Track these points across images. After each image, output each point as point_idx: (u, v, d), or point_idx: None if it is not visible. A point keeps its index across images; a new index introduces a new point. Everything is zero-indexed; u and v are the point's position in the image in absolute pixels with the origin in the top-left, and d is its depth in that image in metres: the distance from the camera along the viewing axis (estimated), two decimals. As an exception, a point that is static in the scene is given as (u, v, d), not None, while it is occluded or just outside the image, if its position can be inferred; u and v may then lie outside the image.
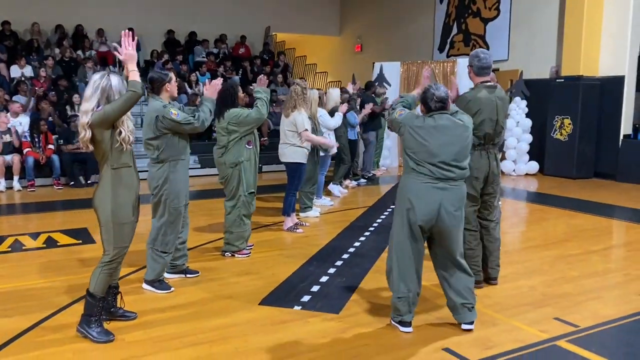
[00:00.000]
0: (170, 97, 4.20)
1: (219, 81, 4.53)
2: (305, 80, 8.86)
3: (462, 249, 3.57)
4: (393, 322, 3.58)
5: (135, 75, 3.25)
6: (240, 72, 14.16)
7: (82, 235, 5.97)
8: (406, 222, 3.43)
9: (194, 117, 4.11)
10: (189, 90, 12.29)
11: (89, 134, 3.19)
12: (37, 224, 6.65)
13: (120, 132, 3.25)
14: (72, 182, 9.32)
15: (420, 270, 3.53)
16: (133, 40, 3.29)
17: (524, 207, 8.10)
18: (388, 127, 9.34)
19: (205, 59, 14.21)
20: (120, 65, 13.65)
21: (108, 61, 13.56)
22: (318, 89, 7.55)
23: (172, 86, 4.18)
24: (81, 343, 3.31)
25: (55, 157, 9.21)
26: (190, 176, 4.62)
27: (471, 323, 3.54)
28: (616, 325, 3.69)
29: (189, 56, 14.55)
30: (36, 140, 9.27)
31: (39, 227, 6.40)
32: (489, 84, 4.20)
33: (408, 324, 3.52)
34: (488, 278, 4.40)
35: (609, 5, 10.28)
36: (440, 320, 3.70)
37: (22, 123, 9.44)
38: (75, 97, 10.35)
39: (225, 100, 4.92)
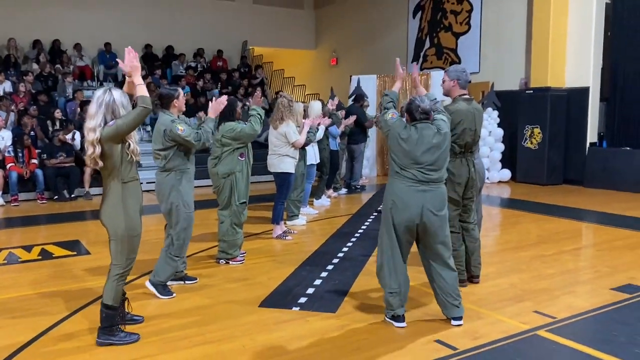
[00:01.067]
0: (178, 111, 4.44)
1: (223, 100, 4.69)
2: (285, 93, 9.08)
3: (450, 249, 3.83)
4: (387, 319, 3.84)
5: (143, 90, 3.33)
6: (218, 85, 14.37)
7: (75, 247, 6.09)
8: (392, 222, 3.71)
9: (196, 134, 4.32)
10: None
11: (98, 149, 3.25)
12: (28, 237, 6.71)
13: (129, 145, 3.38)
14: (56, 197, 9.37)
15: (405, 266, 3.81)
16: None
17: (498, 212, 8.48)
18: (375, 124, 9.48)
19: (183, 73, 14.38)
20: (99, 80, 13.71)
21: (86, 76, 13.61)
22: (303, 102, 7.79)
23: (180, 101, 4.42)
24: (96, 347, 3.44)
25: (38, 172, 9.25)
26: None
27: (460, 319, 3.81)
28: (590, 316, 4.02)
29: (167, 70, 14.69)
30: (20, 155, 9.29)
31: (30, 240, 6.46)
32: (466, 96, 4.53)
33: (401, 319, 3.78)
34: (471, 276, 4.70)
35: (573, 21, 10.88)
36: (430, 316, 3.97)
37: (4, 138, 9.45)
38: (57, 112, 10.39)
39: (225, 114, 5.13)
